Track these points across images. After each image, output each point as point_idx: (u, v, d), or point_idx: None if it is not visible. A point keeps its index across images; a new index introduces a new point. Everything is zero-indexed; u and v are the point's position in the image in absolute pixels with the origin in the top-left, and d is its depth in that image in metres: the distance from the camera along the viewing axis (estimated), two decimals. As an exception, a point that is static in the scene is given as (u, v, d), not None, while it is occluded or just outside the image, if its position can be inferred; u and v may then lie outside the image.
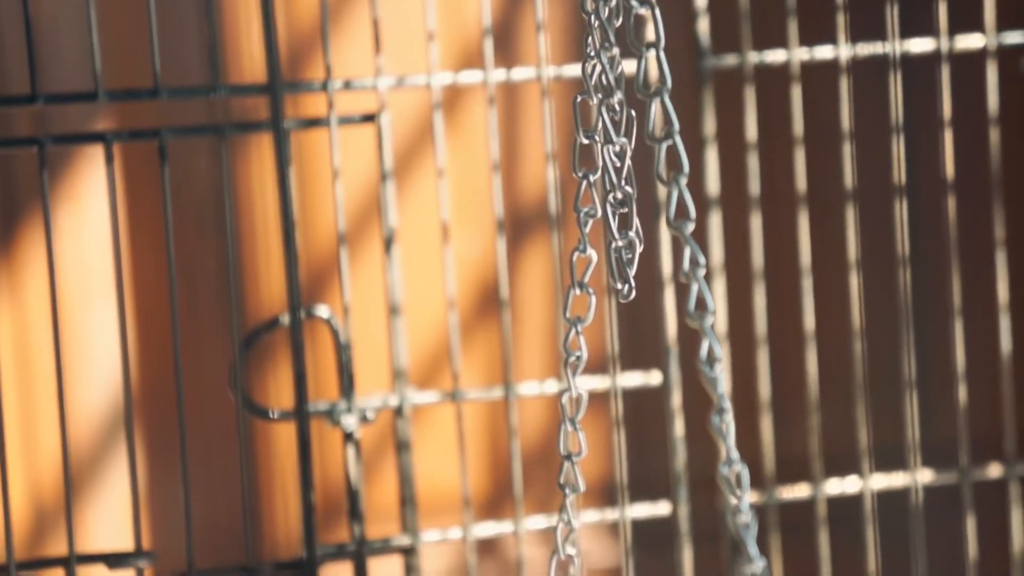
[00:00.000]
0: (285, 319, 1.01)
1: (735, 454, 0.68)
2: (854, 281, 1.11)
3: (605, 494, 1.43)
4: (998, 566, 1.22)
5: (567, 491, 0.89)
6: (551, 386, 1.07)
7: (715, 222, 1.08)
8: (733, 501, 0.68)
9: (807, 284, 1.10)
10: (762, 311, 1.10)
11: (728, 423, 0.68)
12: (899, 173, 1.11)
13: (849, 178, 1.11)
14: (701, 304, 0.68)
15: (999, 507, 1.16)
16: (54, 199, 1.34)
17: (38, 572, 1.17)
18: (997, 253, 1.14)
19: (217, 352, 1.38)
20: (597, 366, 1.12)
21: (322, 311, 1.03)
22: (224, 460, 1.40)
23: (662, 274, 1.07)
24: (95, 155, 1.32)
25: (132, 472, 0.98)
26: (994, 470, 1.14)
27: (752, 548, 0.67)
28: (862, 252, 1.13)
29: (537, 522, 1.06)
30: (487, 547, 1.44)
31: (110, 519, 1.34)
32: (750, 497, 1.09)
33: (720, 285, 1.08)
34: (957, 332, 1.12)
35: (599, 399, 1.14)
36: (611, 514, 1.07)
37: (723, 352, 1.07)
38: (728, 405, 0.68)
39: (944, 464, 1.14)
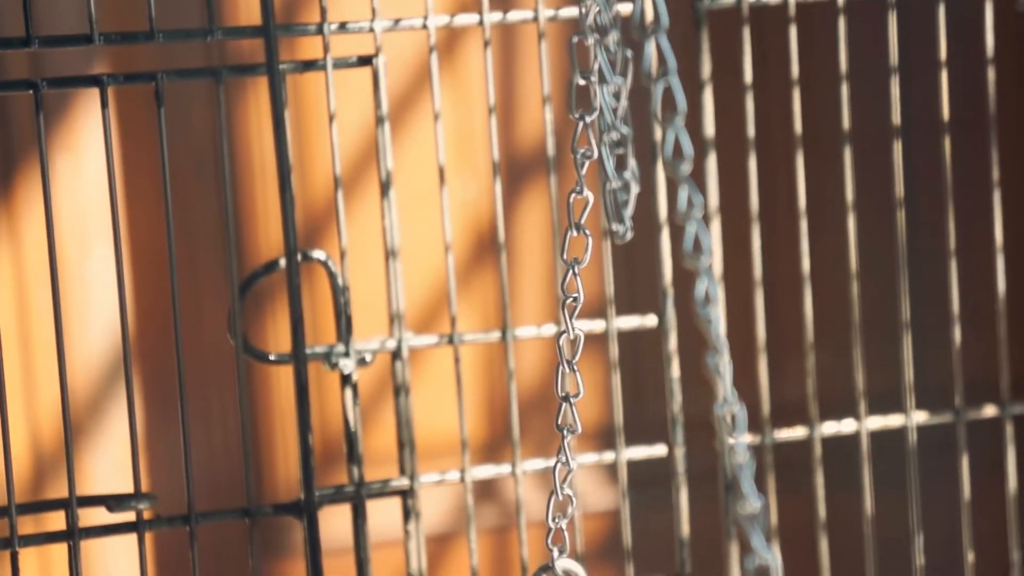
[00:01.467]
0: (282, 263, 1.01)
1: (731, 393, 0.68)
2: (851, 223, 1.11)
3: (602, 437, 1.43)
4: (993, 505, 1.23)
5: (565, 432, 0.89)
6: (549, 329, 1.07)
7: (711, 164, 1.08)
8: (729, 441, 0.69)
9: (803, 226, 1.10)
10: (758, 253, 1.10)
11: (724, 363, 0.68)
12: (896, 114, 1.11)
13: (846, 119, 1.11)
14: (697, 245, 0.68)
15: (995, 447, 1.17)
16: (51, 144, 1.34)
17: (39, 515, 1.18)
18: (993, 193, 1.14)
19: (215, 296, 1.38)
20: (594, 310, 1.12)
21: (319, 255, 1.03)
22: (223, 404, 1.40)
23: (659, 216, 1.07)
24: (92, 100, 1.32)
25: (131, 415, 0.99)
26: (989, 411, 1.15)
27: (748, 487, 0.67)
28: (859, 193, 1.13)
29: (535, 464, 1.07)
30: (485, 489, 1.45)
31: (111, 463, 1.35)
32: (746, 438, 1.09)
33: (716, 227, 1.08)
34: (952, 273, 1.13)
35: (596, 342, 1.14)
36: (608, 456, 1.08)
37: (719, 293, 1.07)
38: (724, 344, 0.68)
39: (941, 405, 1.15)
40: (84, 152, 1.35)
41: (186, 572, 1.00)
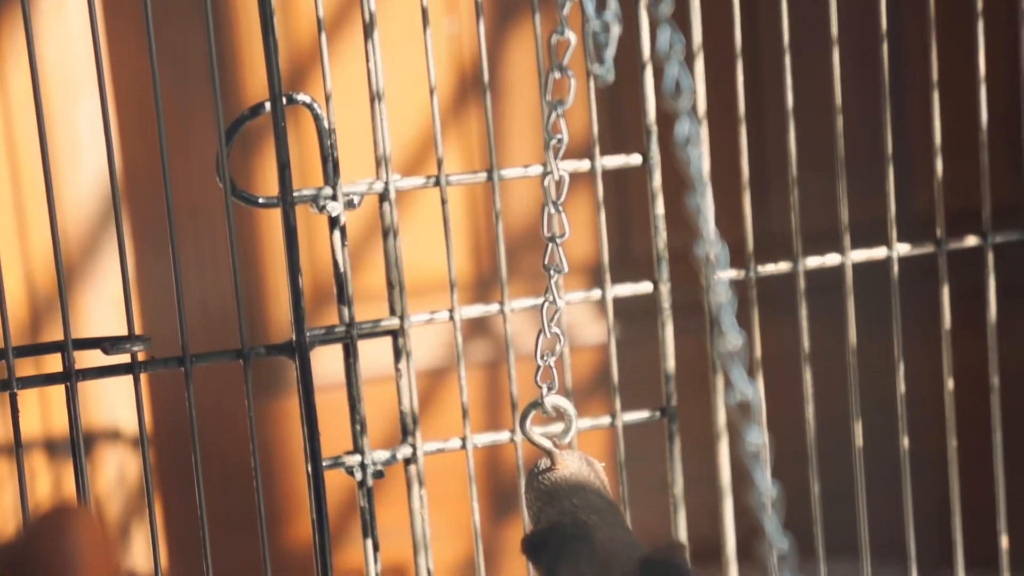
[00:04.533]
0: (268, 106, 1.02)
1: (711, 233, 0.69)
2: (835, 56, 1.11)
3: (593, 272, 1.45)
4: (974, 332, 1.25)
5: (551, 272, 0.91)
6: (535, 170, 1.07)
7: (695, 2, 1.07)
8: (709, 280, 0.70)
9: (787, 61, 1.10)
10: (742, 89, 1.10)
11: (705, 203, 0.69)
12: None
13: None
14: (678, 87, 0.68)
15: (977, 275, 1.18)
16: (32, -11, 1.33)
17: (39, 358, 1.19)
18: (977, 24, 1.13)
19: (204, 140, 1.39)
20: (581, 150, 1.13)
21: (303, 98, 1.04)
22: (214, 247, 1.41)
23: (642, 55, 1.07)
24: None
25: (122, 259, 1.00)
26: (971, 241, 1.16)
27: (729, 324, 0.68)
28: (843, 26, 1.13)
29: (523, 303, 1.08)
30: (477, 324, 1.46)
31: (106, 306, 1.36)
32: (730, 274, 1.11)
33: (700, 64, 1.08)
34: (935, 105, 1.13)
35: (586, 181, 1.15)
36: (595, 294, 1.09)
37: (701, 133, 1.07)
38: (705, 184, 0.69)
39: (924, 235, 1.16)
40: (67, -4, 1.34)
41: (182, 411, 1.02)
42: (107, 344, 1.01)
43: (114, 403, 1.36)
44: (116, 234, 1.00)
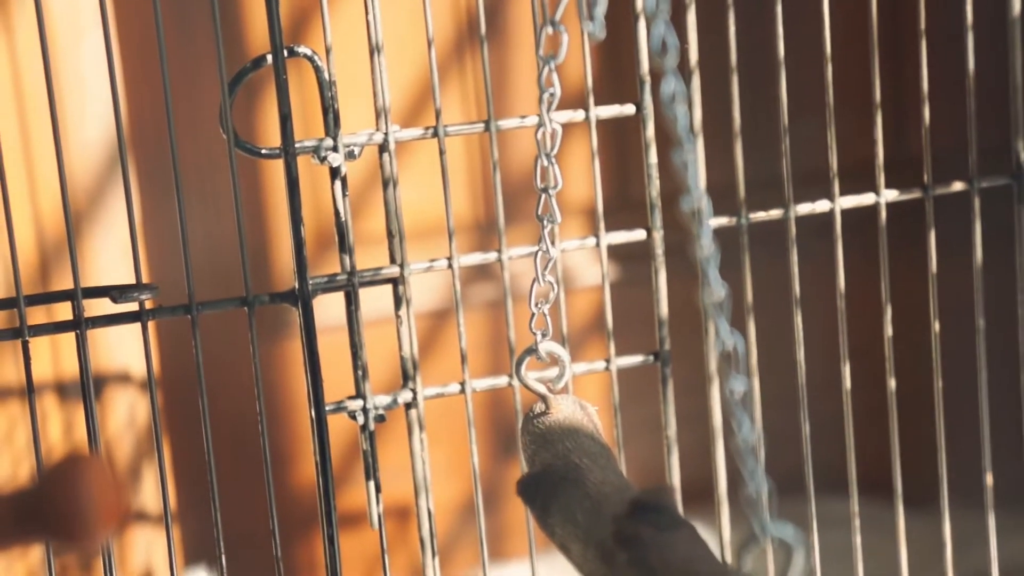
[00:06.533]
0: (269, 59, 1.03)
1: (696, 187, 0.71)
2: (825, 5, 1.13)
3: (592, 214, 1.47)
4: (959, 276, 1.27)
5: (544, 222, 0.93)
6: (532, 121, 1.09)
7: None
8: (694, 232, 0.72)
9: (778, 10, 1.12)
10: (733, 38, 1.11)
11: (691, 160, 0.71)
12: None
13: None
14: (664, 45, 0.70)
15: (964, 219, 1.20)
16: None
17: (50, 306, 1.21)
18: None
19: (208, 90, 1.40)
20: (580, 99, 1.14)
21: (304, 50, 1.05)
22: (219, 197, 1.43)
23: (635, 7, 1.09)
24: None
25: (129, 208, 1.01)
26: (958, 186, 1.18)
27: (713, 277, 0.71)
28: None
29: (521, 251, 1.10)
30: (477, 269, 1.49)
31: (115, 255, 1.38)
32: (722, 221, 1.13)
33: (692, 16, 1.10)
34: (923, 51, 1.14)
35: (586, 127, 1.16)
36: (590, 242, 1.11)
37: (696, 81, 1.09)
38: (690, 140, 0.71)
39: (913, 179, 1.18)
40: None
41: (190, 357, 1.05)
42: (115, 293, 1.03)
43: (123, 347, 1.38)
44: (123, 184, 1.02)
